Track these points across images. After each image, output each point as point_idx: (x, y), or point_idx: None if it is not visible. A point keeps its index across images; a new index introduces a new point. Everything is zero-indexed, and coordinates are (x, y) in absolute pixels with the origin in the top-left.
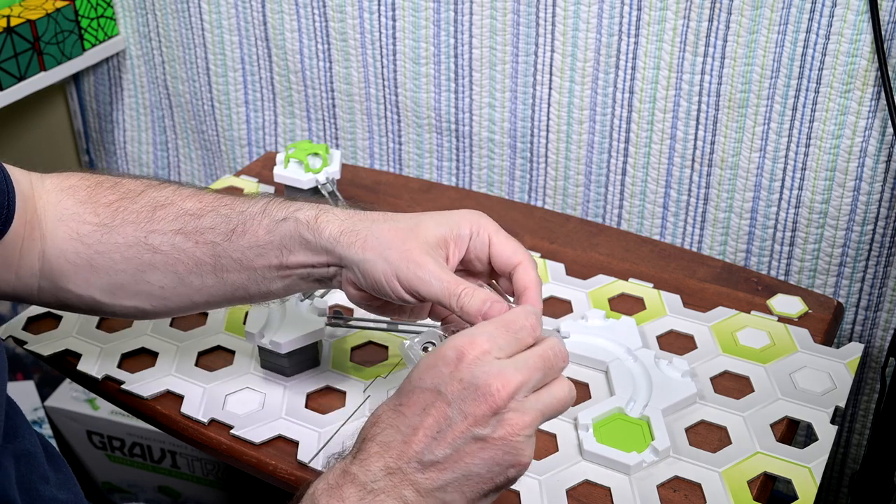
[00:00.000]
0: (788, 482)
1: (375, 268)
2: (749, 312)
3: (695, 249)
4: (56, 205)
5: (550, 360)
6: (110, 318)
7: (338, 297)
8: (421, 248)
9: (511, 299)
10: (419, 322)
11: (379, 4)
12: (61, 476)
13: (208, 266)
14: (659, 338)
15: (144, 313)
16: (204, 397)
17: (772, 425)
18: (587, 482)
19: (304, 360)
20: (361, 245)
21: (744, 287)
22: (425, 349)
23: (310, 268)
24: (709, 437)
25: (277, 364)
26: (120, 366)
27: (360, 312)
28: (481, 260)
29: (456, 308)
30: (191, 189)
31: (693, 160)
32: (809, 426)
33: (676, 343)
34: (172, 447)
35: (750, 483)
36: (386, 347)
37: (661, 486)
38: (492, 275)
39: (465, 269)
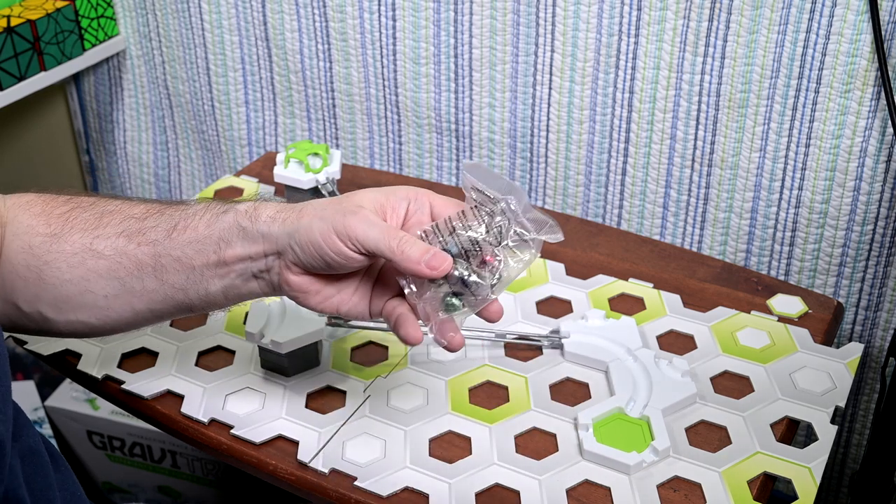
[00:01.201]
0: (788, 482)
1: (312, 229)
2: (749, 312)
3: (695, 249)
4: (12, 221)
5: None
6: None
7: None
8: (357, 204)
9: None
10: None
11: (379, 4)
12: (60, 476)
13: (149, 267)
14: (659, 338)
15: (90, 328)
16: (204, 397)
17: (772, 425)
18: (587, 482)
19: (304, 360)
20: (297, 215)
21: (744, 287)
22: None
23: (248, 261)
24: (709, 437)
25: (277, 364)
26: (120, 366)
27: None
28: (423, 224)
29: (397, 254)
30: (142, 200)
31: (693, 160)
32: (809, 426)
33: (676, 343)
34: (172, 447)
35: (750, 483)
36: (386, 347)
37: (661, 486)
38: None
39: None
